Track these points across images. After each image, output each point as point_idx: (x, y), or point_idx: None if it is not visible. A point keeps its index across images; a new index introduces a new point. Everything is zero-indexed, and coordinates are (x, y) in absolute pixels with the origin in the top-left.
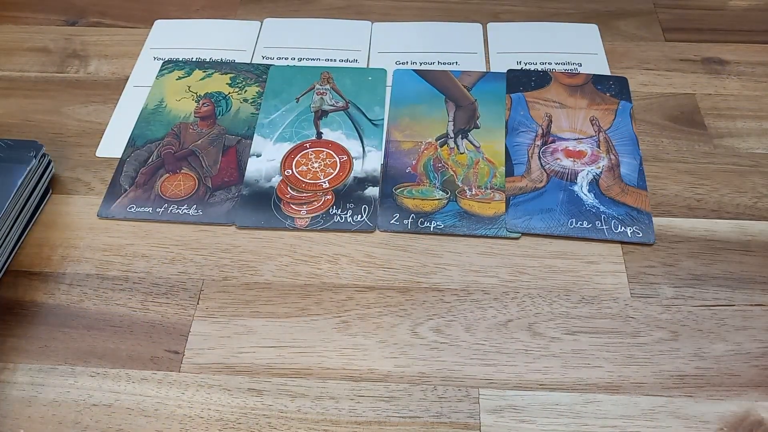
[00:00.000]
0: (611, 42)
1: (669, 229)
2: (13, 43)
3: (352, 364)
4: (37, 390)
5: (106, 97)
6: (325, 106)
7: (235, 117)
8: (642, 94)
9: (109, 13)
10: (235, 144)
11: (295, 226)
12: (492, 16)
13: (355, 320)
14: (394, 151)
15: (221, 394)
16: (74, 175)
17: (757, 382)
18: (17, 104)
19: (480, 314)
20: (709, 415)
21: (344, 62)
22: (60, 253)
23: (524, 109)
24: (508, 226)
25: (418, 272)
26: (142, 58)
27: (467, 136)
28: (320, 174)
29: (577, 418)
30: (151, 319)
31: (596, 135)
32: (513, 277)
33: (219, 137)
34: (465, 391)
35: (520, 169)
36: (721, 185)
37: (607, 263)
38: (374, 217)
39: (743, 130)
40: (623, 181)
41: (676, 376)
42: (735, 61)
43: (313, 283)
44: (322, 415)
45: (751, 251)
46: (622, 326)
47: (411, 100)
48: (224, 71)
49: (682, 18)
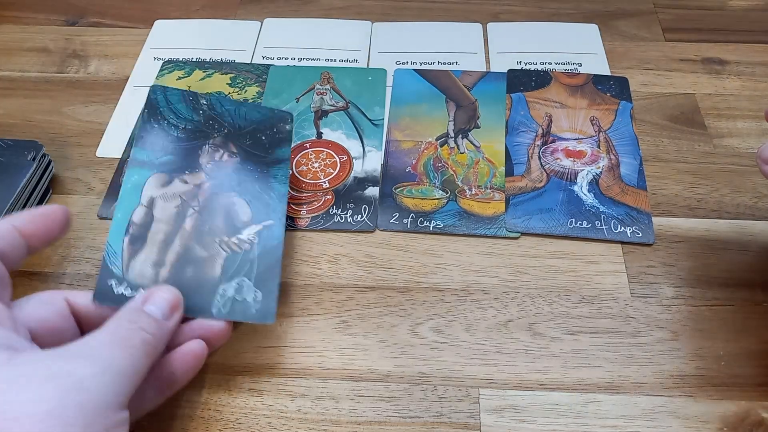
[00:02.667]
0: (611, 42)
1: (669, 229)
2: (13, 43)
3: (352, 364)
4: None
5: (106, 97)
6: (325, 106)
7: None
8: (642, 94)
9: (109, 13)
10: None
11: (295, 226)
12: (492, 16)
13: (355, 320)
14: (394, 151)
15: (221, 394)
16: (74, 175)
17: (757, 382)
18: (17, 104)
19: (480, 314)
20: (709, 415)
21: (344, 62)
22: (60, 253)
23: (524, 109)
24: (508, 225)
25: (418, 272)
26: (142, 58)
27: (467, 136)
28: (320, 174)
29: (577, 418)
30: None
31: (596, 135)
32: (513, 277)
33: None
34: (465, 391)
35: (520, 168)
36: (721, 185)
37: (607, 263)
38: (374, 217)
39: (743, 130)
40: (623, 181)
41: (676, 376)
42: (735, 61)
43: (313, 283)
44: (322, 415)
45: (751, 251)
46: (622, 326)
47: (411, 99)
48: (224, 71)
49: (682, 18)
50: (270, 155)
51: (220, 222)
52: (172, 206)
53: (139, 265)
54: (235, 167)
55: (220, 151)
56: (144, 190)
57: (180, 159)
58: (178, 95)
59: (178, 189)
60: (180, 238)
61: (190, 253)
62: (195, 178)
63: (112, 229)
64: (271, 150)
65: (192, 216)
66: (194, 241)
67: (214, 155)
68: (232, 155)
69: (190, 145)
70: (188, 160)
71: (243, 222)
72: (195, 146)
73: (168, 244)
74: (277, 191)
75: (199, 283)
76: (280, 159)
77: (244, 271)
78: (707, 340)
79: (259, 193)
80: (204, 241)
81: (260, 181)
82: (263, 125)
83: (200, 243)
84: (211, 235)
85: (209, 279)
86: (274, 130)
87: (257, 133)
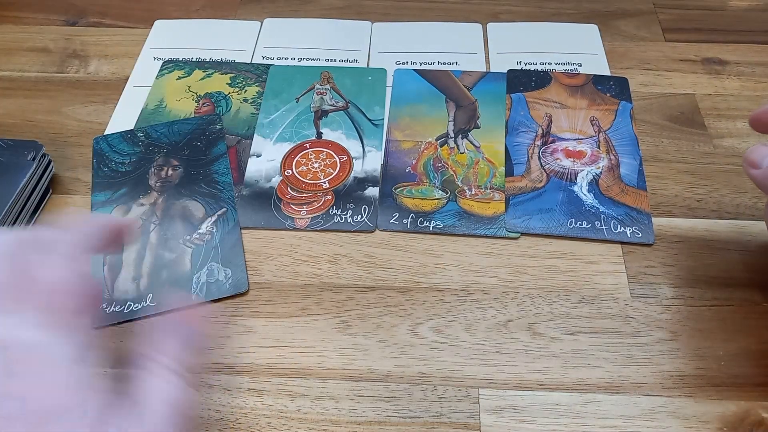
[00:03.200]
0: (611, 42)
1: (669, 230)
2: (13, 43)
3: (352, 364)
4: None
5: (106, 97)
6: (325, 106)
7: (235, 117)
8: (642, 94)
9: (109, 13)
10: (235, 144)
11: (295, 226)
12: (492, 16)
13: (355, 320)
14: (394, 151)
15: (221, 394)
16: (74, 175)
17: (757, 381)
18: (17, 104)
19: (480, 314)
20: (708, 415)
21: (344, 62)
22: None
23: (524, 109)
24: (508, 226)
25: (418, 272)
26: (142, 58)
27: (467, 136)
28: (320, 174)
29: (577, 418)
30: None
31: (596, 135)
32: (513, 277)
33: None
34: (465, 391)
35: (519, 169)
36: (721, 185)
37: (607, 263)
38: (374, 217)
39: (743, 130)
40: (623, 182)
41: (676, 376)
42: (735, 61)
43: (313, 283)
44: (322, 415)
45: (751, 251)
46: (622, 326)
47: (411, 99)
48: (224, 71)
49: (682, 18)
50: (208, 156)
51: (179, 225)
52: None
53: (122, 284)
54: (180, 177)
55: (165, 168)
56: None
57: (132, 188)
58: (118, 137)
59: (137, 212)
60: (149, 250)
61: (160, 259)
62: (149, 198)
63: (92, 262)
64: (207, 151)
65: (154, 230)
66: (161, 249)
67: (160, 174)
68: (175, 168)
69: (137, 174)
70: (139, 186)
71: (199, 219)
72: (142, 173)
73: (141, 259)
74: (222, 182)
75: (175, 280)
76: (218, 155)
77: (210, 257)
78: (707, 340)
79: (206, 190)
80: (169, 245)
81: (205, 179)
82: (196, 133)
83: (167, 248)
84: (174, 239)
85: (183, 274)
86: (206, 134)
87: (193, 141)
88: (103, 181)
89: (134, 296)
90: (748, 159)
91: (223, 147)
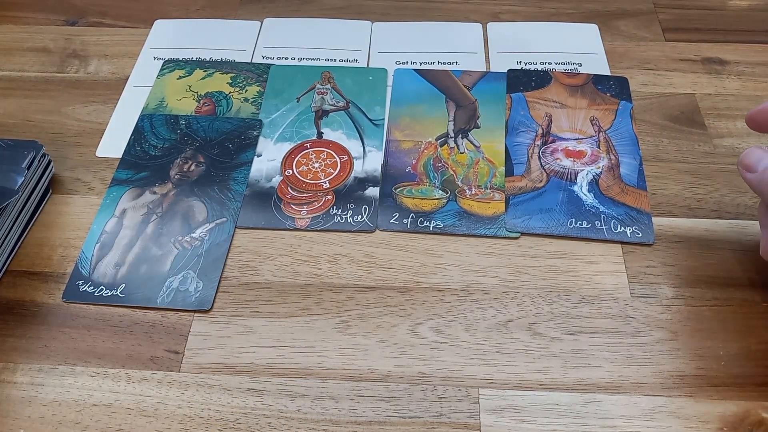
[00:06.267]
0: (611, 42)
1: (669, 229)
2: (13, 43)
3: (352, 364)
4: (37, 390)
5: (106, 97)
6: (325, 106)
7: (236, 116)
8: (642, 94)
9: (109, 13)
10: None
11: (296, 226)
12: (492, 16)
13: (355, 320)
14: (394, 151)
15: (221, 394)
16: (74, 175)
17: (757, 381)
18: (17, 104)
19: (480, 314)
20: (709, 415)
21: (344, 62)
22: (60, 253)
23: (524, 109)
24: (508, 225)
25: (418, 272)
26: (142, 57)
27: (467, 136)
28: (321, 174)
29: (577, 418)
30: (151, 319)
31: (596, 135)
32: (513, 277)
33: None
34: (465, 391)
35: (519, 168)
36: (721, 185)
37: (607, 263)
38: (374, 217)
39: (743, 130)
40: (623, 181)
41: (676, 376)
42: (735, 61)
43: (313, 283)
44: (322, 415)
45: (751, 251)
46: (622, 326)
47: (411, 99)
48: (225, 71)
49: (682, 18)
50: (234, 160)
51: (178, 223)
52: (139, 215)
53: (103, 267)
54: (200, 174)
55: (189, 162)
56: (119, 204)
57: (153, 174)
58: (162, 119)
59: (147, 199)
60: (141, 240)
61: (147, 252)
62: (163, 188)
63: (87, 238)
64: (235, 155)
65: (154, 221)
66: (152, 242)
67: (183, 167)
68: (200, 164)
69: (163, 162)
70: (159, 174)
71: (198, 222)
72: (167, 162)
73: (130, 247)
74: (235, 190)
75: (150, 278)
76: (243, 162)
77: (190, 264)
78: (707, 340)
79: (217, 195)
80: (160, 241)
81: (220, 183)
82: (232, 134)
83: (156, 243)
84: (167, 235)
85: (159, 274)
86: (241, 137)
87: (225, 142)
88: (132, 159)
89: (109, 282)
90: (743, 162)
91: (252, 155)
